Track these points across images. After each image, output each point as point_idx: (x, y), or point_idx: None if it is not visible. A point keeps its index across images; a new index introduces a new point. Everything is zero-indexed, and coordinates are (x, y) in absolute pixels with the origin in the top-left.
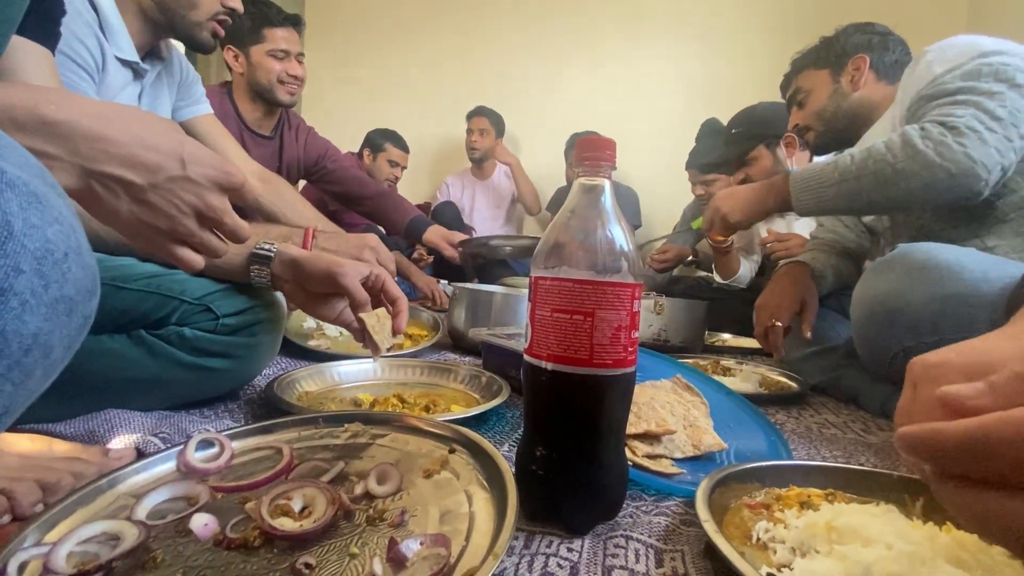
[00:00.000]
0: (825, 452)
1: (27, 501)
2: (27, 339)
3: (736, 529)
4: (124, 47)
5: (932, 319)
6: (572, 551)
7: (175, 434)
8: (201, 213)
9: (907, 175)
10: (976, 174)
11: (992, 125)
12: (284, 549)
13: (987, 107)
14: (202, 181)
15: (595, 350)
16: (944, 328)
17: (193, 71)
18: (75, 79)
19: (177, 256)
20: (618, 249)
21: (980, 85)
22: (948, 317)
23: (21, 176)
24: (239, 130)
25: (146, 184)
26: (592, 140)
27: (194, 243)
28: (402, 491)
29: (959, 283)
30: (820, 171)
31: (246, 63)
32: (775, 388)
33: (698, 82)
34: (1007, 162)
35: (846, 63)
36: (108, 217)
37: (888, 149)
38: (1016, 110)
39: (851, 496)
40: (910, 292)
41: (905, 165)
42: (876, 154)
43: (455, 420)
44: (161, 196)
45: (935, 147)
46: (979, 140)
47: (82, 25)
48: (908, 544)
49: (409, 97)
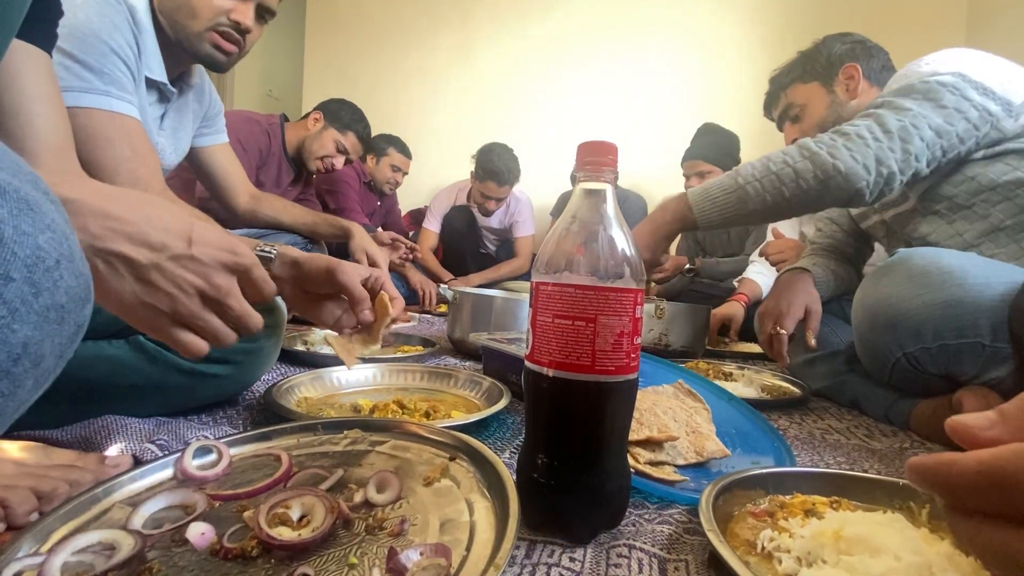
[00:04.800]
0: (829, 458)
1: (22, 510)
2: (16, 348)
3: (740, 538)
4: (154, 68)
5: (934, 325)
6: (574, 561)
7: (173, 440)
8: (205, 294)
9: (803, 172)
10: (857, 173)
11: (879, 135)
12: (282, 559)
13: (883, 119)
14: (208, 260)
15: (597, 357)
16: (946, 334)
17: (219, 103)
18: (119, 74)
19: (178, 340)
20: (620, 254)
21: (898, 100)
22: (950, 322)
23: (12, 183)
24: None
25: (149, 263)
26: (593, 144)
27: (197, 327)
28: (402, 499)
29: (961, 288)
30: (720, 181)
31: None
32: (777, 393)
33: (701, 86)
34: (886, 169)
35: (836, 73)
36: (109, 298)
37: (786, 153)
38: (914, 127)
39: (856, 504)
40: (912, 297)
41: (802, 164)
42: (775, 158)
43: (455, 426)
44: (163, 275)
45: (827, 148)
46: (863, 145)
47: (126, 27)
48: (916, 555)
49: (408, 101)
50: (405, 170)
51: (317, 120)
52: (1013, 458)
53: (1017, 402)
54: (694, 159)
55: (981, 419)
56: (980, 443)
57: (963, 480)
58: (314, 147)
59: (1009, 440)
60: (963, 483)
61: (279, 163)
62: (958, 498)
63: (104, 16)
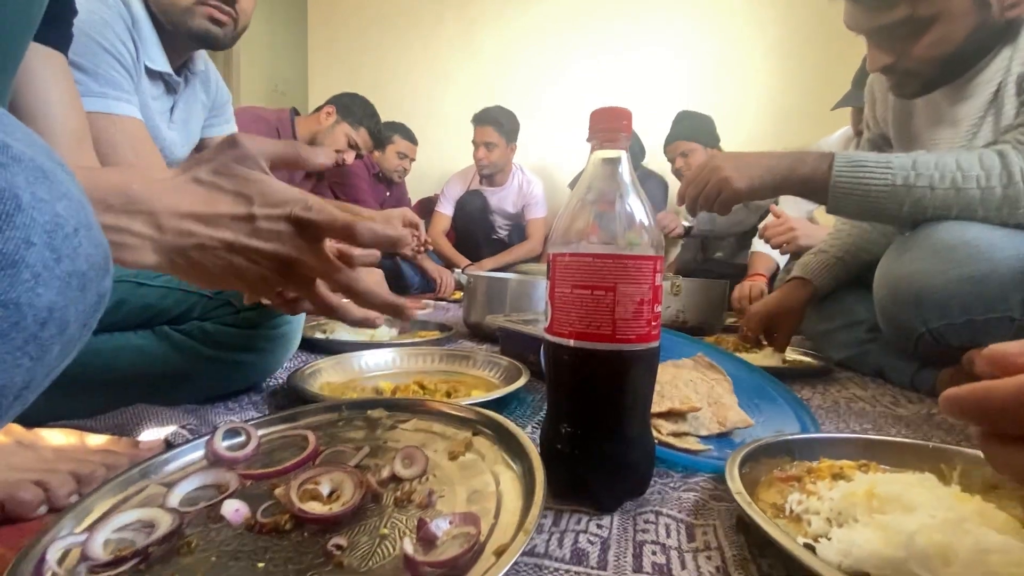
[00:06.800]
0: (855, 425)
1: (63, 492)
2: (42, 312)
3: (767, 502)
4: (156, 57)
5: (961, 300)
6: (602, 527)
7: (201, 426)
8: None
9: (994, 201)
10: None
11: None
12: (315, 532)
13: None
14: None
15: (618, 325)
16: (974, 309)
17: (227, 91)
18: (114, 74)
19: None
20: (638, 222)
21: None
22: (978, 298)
23: (27, 152)
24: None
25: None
26: (607, 111)
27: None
28: (428, 473)
29: (990, 263)
30: (874, 161)
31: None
32: (798, 366)
33: (706, 63)
34: None
35: None
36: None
37: (984, 167)
38: None
39: (885, 467)
40: (938, 273)
41: (1001, 192)
42: (967, 168)
43: (477, 404)
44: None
45: None
46: None
47: (118, 20)
48: (950, 511)
49: (415, 88)
50: (412, 156)
51: (330, 114)
52: None
53: None
54: (675, 140)
55: (1019, 346)
56: (1019, 368)
57: (1003, 404)
58: (326, 142)
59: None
60: (1002, 407)
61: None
62: (997, 423)
63: (93, 13)
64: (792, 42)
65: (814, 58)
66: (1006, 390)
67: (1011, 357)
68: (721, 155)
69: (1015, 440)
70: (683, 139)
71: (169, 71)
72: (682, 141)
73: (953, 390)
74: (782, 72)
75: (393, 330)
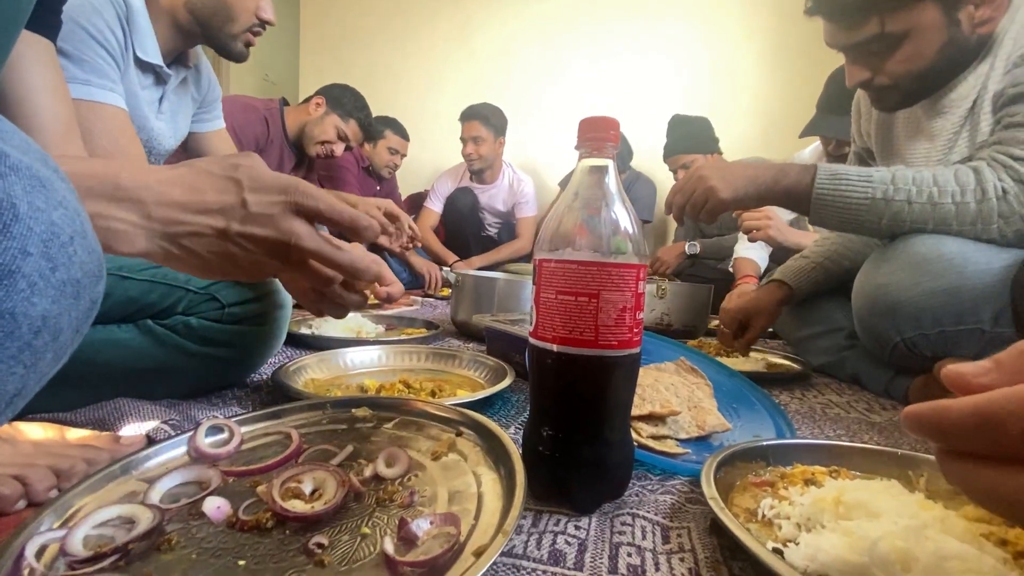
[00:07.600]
0: (829, 431)
1: (42, 487)
2: (36, 321)
3: (741, 507)
4: (148, 49)
5: (933, 312)
6: (580, 529)
7: (184, 421)
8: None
9: (968, 216)
10: None
11: None
12: (296, 530)
13: None
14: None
15: (600, 331)
16: (945, 321)
17: (218, 88)
18: (100, 61)
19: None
20: (623, 229)
21: None
22: (950, 310)
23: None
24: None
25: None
26: (595, 120)
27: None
28: (411, 473)
29: (961, 276)
30: (856, 175)
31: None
32: (779, 370)
33: (699, 66)
34: None
35: None
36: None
37: (960, 183)
38: None
39: (855, 473)
40: (913, 285)
41: (975, 207)
42: (944, 184)
43: (461, 404)
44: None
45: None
46: None
47: (108, 7)
48: (912, 518)
49: (407, 83)
50: (403, 152)
51: (319, 105)
52: (1005, 401)
53: (1011, 351)
54: (675, 154)
55: (976, 367)
56: (974, 389)
57: (957, 423)
58: (315, 132)
59: (1002, 386)
60: (957, 426)
61: (281, 148)
62: (952, 441)
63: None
64: (783, 48)
65: (803, 64)
66: (960, 411)
67: (967, 377)
68: (707, 165)
69: (968, 457)
70: (682, 152)
71: (161, 64)
72: (682, 155)
73: (913, 407)
74: (772, 78)
75: (380, 327)
